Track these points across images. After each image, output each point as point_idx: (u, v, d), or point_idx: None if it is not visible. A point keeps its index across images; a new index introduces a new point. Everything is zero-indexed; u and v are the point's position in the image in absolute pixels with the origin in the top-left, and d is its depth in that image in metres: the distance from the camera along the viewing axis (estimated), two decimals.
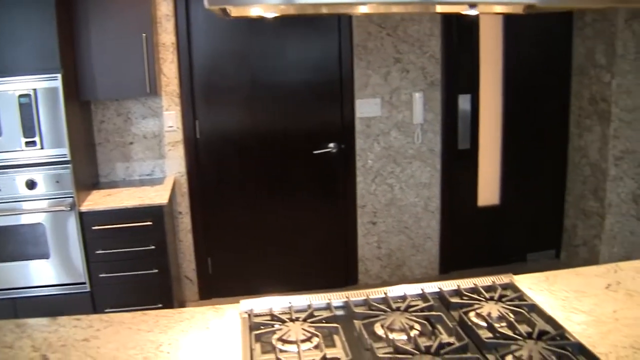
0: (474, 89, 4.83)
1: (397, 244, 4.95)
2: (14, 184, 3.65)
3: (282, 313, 1.99)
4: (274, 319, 1.94)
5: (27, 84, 3.53)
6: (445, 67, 4.70)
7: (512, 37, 4.83)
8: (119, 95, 4.20)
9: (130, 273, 3.84)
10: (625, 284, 2.21)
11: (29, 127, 3.58)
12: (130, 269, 3.84)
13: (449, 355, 1.69)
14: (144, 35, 3.90)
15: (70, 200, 3.70)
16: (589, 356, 1.68)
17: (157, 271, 3.89)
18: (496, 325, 1.85)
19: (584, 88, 4.81)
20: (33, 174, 3.65)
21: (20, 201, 3.67)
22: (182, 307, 4.37)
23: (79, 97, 3.92)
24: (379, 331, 1.86)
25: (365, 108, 4.64)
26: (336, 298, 2.08)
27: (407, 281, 2.71)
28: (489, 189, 5.10)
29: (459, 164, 4.94)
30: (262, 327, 1.88)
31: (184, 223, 4.57)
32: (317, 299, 2.07)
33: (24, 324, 2.01)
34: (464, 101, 4.82)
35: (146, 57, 3.92)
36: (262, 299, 2.06)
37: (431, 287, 2.14)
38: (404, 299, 2.06)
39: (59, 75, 3.54)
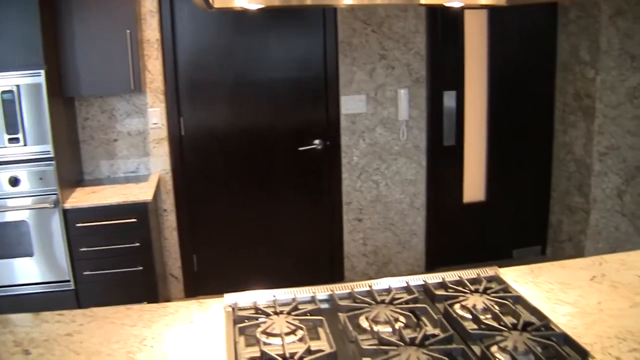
0: (459, 85, 4.84)
1: (383, 241, 4.95)
2: None
3: (267, 307, 1.98)
4: (258, 312, 1.94)
5: (10, 80, 3.51)
6: (430, 64, 4.70)
7: (497, 34, 4.85)
8: (103, 92, 4.17)
9: (115, 270, 3.82)
10: (610, 276, 2.22)
11: (11, 124, 3.55)
12: (115, 266, 3.82)
13: (434, 346, 1.69)
14: (128, 31, 3.88)
15: (54, 197, 3.67)
16: (574, 346, 1.69)
17: (142, 268, 3.87)
18: (481, 316, 1.86)
19: (568, 84, 4.83)
20: (16, 170, 3.62)
21: (4, 198, 3.64)
22: None
23: (62, 93, 3.89)
24: (364, 324, 1.86)
25: (351, 105, 4.64)
26: (321, 291, 2.08)
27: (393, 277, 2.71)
28: (474, 186, 5.11)
29: (444, 160, 4.95)
30: (246, 320, 1.88)
31: (169, 220, 4.55)
32: (302, 293, 2.07)
33: (5, 319, 2.00)
34: (449, 98, 4.83)
35: (130, 53, 3.90)
36: (247, 293, 2.05)
37: (416, 279, 2.14)
38: (388, 291, 2.06)
39: (42, 72, 3.52)
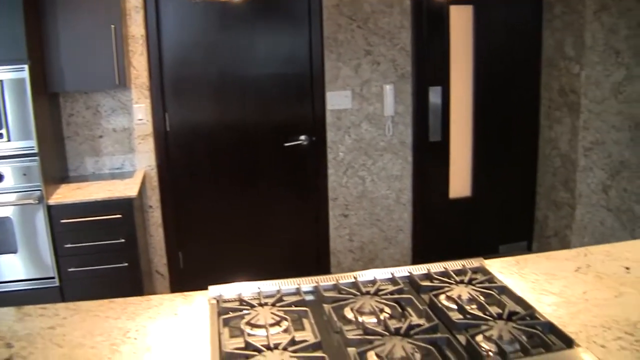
0: (444, 81, 4.86)
1: (369, 237, 4.96)
2: None
3: (251, 298, 1.98)
4: (242, 304, 1.93)
5: None
6: (416, 60, 4.71)
7: (483, 30, 4.87)
8: (87, 87, 4.15)
9: (99, 267, 3.79)
10: (595, 266, 2.23)
11: None
12: (99, 262, 3.79)
13: (419, 335, 1.69)
14: (112, 26, 3.85)
15: (38, 193, 3.65)
16: (559, 335, 1.69)
17: (127, 265, 3.85)
18: (466, 307, 1.86)
19: (553, 80, 4.86)
20: (0, 166, 3.60)
21: None
22: None
23: (46, 89, 3.86)
24: (349, 314, 1.85)
25: (336, 100, 4.64)
26: (305, 283, 2.07)
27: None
28: (460, 181, 5.12)
29: (430, 156, 4.96)
30: (230, 312, 1.87)
31: (155, 217, 4.53)
32: (286, 285, 2.06)
33: None
34: (434, 93, 4.84)
35: (115, 48, 3.87)
36: (231, 285, 2.04)
37: (401, 271, 2.14)
38: (373, 283, 2.06)
39: (25, 66, 3.48)
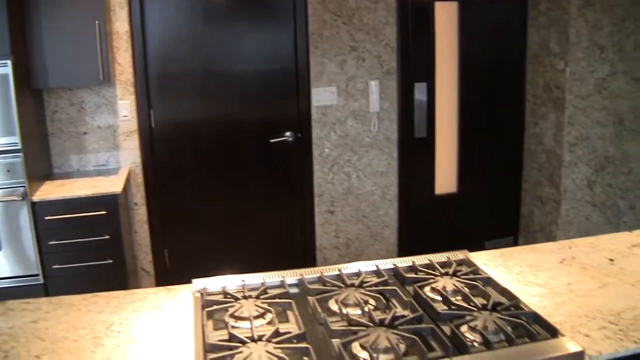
0: (429, 77, 4.86)
1: (355, 233, 4.96)
2: None
3: (236, 291, 1.98)
4: (227, 296, 1.93)
5: None
6: (401, 56, 4.72)
7: (468, 26, 4.87)
8: (71, 83, 4.11)
9: (84, 264, 3.76)
10: (579, 258, 2.25)
11: None
12: (84, 259, 3.76)
13: (403, 326, 1.69)
14: (96, 22, 3.83)
15: (22, 190, 3.62)
16: (543, 325, 1.71)
17: (111, 261, 3.82)
18: (451, 298, 1.87)
19: (538, 76, 4.88)
20: None
21: None
22: None
23: (30, 85, 3.83)
24: (333, 306, 1.86)
25: (322, 96, 4.63)
26: (290, 276, 2.08)
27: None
28: (446, 177, 5.13)
29: (416, 152, 4.97)
30: (214, 304, 1.87)
31: (140, 214, 4.51)
32: (271, 277, 2.06)
33: None
34: (420, 89, 4.84)
35: (99, 44, 3.85)
36: (215, 278, 2.04)
37: (386, 263, 2.15)
38: (358, 275, 2.07)
39: (8, 62, 3.45)
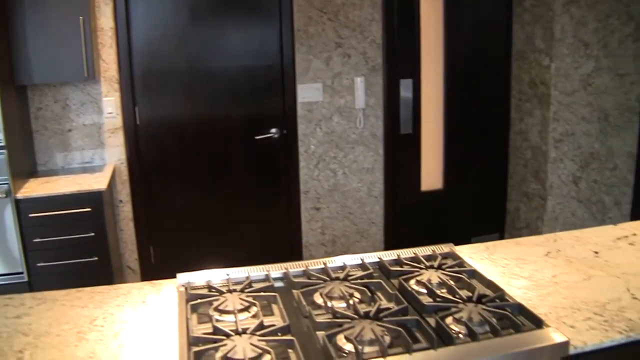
0: (415, 73, 4.87)
1: (342, 230, 4.96)
2: None
3: (220, 285, 1.98)
4: (211, 290, 1.93)
5: None
6: (387, 52, 4.72)
7: (453, 23, 4.88)
8: (56, 80, 4.08)
9: (69, 262, 3.74)
10: (564, 251, 2.26)
11: None
12: (69, 257, 3.74)
13: (388, 318, 1.70)
14: (81, 18, 3.80)
15: (5, 187, 3.59)
16: (528, 316, 1.71)
17: (97, 259, 3.80)
18: (436, 290, 1.87)
19: (523, 72, 4.90)
20: None
21: None
22: None
23: (14, 81, 3.80)
24: (318, 300, 1.86)
25: (307, 93, 4.63)
26: (275, 270, 2.07)
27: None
28: (432, 174, 5.14)
29: (401, 148, 4.97)
30: (199, 298, 1.87)
31: (125, 212, 4.49)
32: (256, 271, 2.06)
33: None
34: (405, 86, 4.85)
35: (84, 41, 3.82)
36: (200, 272, 2.04)
37: (371, 257, 2.15)
38: (343, 268, 2.07)
39: None
